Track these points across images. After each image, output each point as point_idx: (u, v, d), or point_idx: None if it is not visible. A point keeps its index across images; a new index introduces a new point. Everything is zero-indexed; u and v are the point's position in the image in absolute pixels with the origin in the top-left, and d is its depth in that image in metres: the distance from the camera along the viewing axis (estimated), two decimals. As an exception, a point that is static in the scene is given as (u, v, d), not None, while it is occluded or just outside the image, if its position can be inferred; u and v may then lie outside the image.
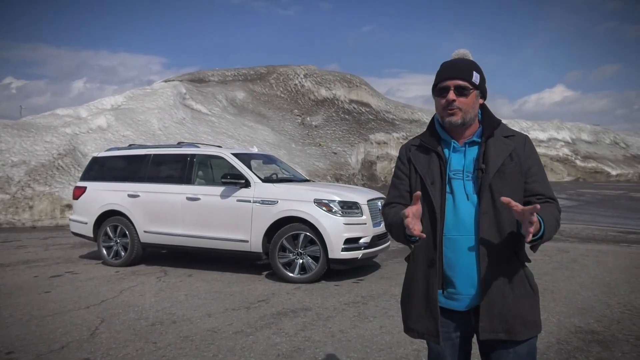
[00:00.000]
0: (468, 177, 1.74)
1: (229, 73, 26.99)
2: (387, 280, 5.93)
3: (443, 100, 1.75)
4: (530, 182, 1.74)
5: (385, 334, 3.98)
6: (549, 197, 1.75)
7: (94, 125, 15.41)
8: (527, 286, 1.74)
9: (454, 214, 1.73)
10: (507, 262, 1.70)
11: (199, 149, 7.03)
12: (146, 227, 6.77)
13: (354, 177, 21.17)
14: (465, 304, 1.74)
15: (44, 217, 11.93)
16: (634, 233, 10.34)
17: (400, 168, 1.90)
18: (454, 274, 1.74)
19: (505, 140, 1.76)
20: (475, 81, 1.75)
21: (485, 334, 1.70)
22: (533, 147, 1.80)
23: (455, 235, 1.72)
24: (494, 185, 1.69)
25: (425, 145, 1.83)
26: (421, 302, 1.79)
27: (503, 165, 1.71)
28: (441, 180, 1.76)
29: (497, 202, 1.66)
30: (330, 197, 5.90)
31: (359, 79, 28.67)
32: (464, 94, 1.73)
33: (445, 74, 1.77)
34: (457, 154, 1.78)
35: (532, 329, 1.73)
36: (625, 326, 4.17)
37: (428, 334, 1.77)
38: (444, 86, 1.75)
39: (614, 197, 20.27)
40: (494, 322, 1.68)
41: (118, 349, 3.67)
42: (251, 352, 3.61)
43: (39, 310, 4.66)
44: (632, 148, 37.78)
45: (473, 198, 1.72)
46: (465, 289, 1.73)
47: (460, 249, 1.72)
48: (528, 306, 1.72)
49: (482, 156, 1.74)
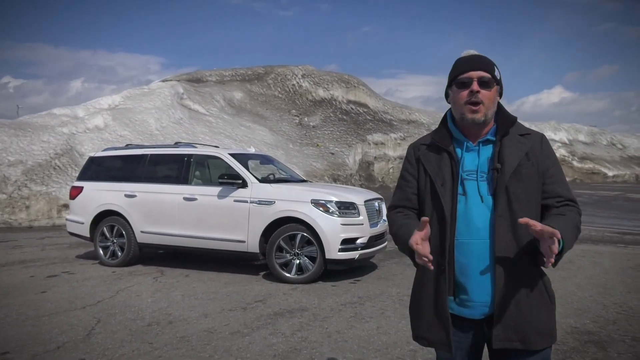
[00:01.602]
0: (482, 177, 1.65)
1: (226, 73, 26.97)
2: (384, 281, 5.93)
3: (466, 91, 1.64)
4: (549, 183, 1.66)
5: (382, 335, 3.98)
6: (568, 200, 1.66)
7: (91, 125, 15.37)
8: (545, 294, 1.66)
9: (466, 217, 1.63)
10: (523, 268, 1.61)
11: (196, 149, 7.02)
12: (143, 227, 6.76)
13: (352, 177, 21.17)
14: (479, 312, 1.65)
15: (40, 217, 11.90)
16: (630, 234, 10.37)
17: (408, 169, 1.80)
18: (466, 280, 1.64)
19: (521, 139, 1.68)
20: (497, 75, 1.68)
21: (499, 343, 1.61)
22: (550, 146, 1.73)
23: (468, 239, 1.63)
24: (510, 187, 1.60)
25: (437, 144, 1.73)
26: (431, 310, 1.70)
27: (519, 166, 1.62)
28: (452, 181, 1.66)
29: (514, 204, 1.59)
30: (327, 198, 5.90)
31: (357, 79, 28.68)
32: (488, 86, 1.64)
33: (469, 65, 1.67)
34: (470, 153, 1.69)
35: (548, 339, 1.65)
36: (621, 327, 4.19)
37: (440, 343, 1.69)
38: (466, 77, 1.65)
39: (610, 198, 20.33)
40: (508, 330, 1.60)
41: (114, 349, 3.66)
42: (247, 352, 3.61)
43: (35, 311, 4.64)
44: (629, 149, 37.88)
45: (488, 200, 1.63)
46: (479, 297, 1.64)
47: (473, 254, 1.62)
48: (544, 315, 1.64)
49: (497, 155, 1.64)
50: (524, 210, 1.55)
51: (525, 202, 1.62)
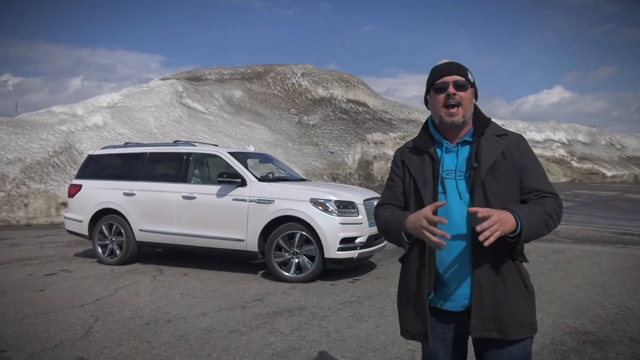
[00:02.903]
0: (460, 176, 1.75)
1: (226, 72, 26.94)
2: (382, 280, 5.93)
3: (443, 95, 1.76)
4: (527, 179, 1.74)
5: (380, 334, 3.98)
6: (547, 192, 1.73)
7: (90, 123, 15.35)
8: (522, 286, 1.73)
9: (446, 213, 1.72)
10: (500, 261, 1.70)
11: (195, 148, 7.01)
12: (142, 225, 6.75)
13: (351, 176, 21.16)
14: (459, 304, 1.74)
15: (39, 215, 11.88)
16: (628, 234, 10.38)
17: (395, 171, 1.93)
18: (447, 274, 1.74)
19: (497, 139, 1.77)
20: (471, 79, 1.79)
21: (476, 332, 1.69)
22: (527, 146, 1.80)
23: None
24: (486, 184, 1.70)
25: (419, 147, 1.85)
26: (412, 304, 1.81)
27: (495, 164, 1.71)
28: (433, 180, 1.77)
29: (490, 200, 1.69)
30: (326, 197, 5.90)
31: (356, 78, 28.67)
32: (463, 89, 1.76)
33: (443, 71, 1.79)
34: (449, 154, 1.80)
35: (527, 329, 1.72)
36: (619, 327, 4.19)
37: (419, 334, 1.79)
38: (442, 82, 1.77)
39: (609, 198, 20.34)
40: (485, 320, 1.68)
41: (112, 347, 3.65)
42: (246, 351, 3.60)
43: (33, 309, 4.64)
44: (628, 149, 37.92)
45: (465, 197, 1.72)
46: (459, 290, 1.73)
47: (452, 249, 1.71)
48: (522, 306, 1.71)
49: (474, 155, 1.74)
50: (500, 207, 1.62)
51: (503, 198, 1.69)
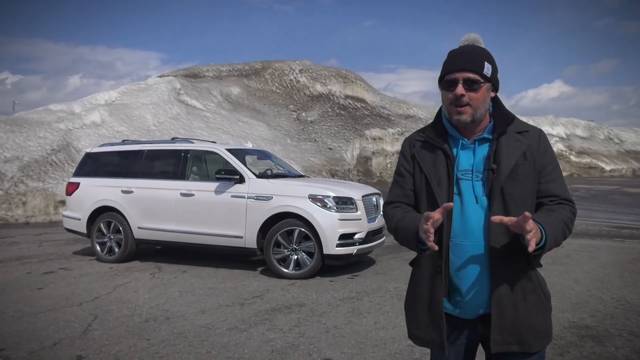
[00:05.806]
0: (477, 177, 1.60)
1: (224, 68, 26.87)
2: (381, 276, 5.93)
3: (450, 94, 1.59)
4: (544, 182, 1.62)
5: (379, 330, 3.98)
6: (563, 199, 1.62)
7: (88, 120, 15.30)
8: (541, 295, 1.63)
9: (461, 218, 1.59)
10: (519, 270, 1.59)
11: (193, 145, 6.99)
12: (140, 223, 6.73)
13: (349, 172, 21.15)
14: (473, 312, 1.64)
15: (37, 213, 11.85)
16: (627, 228, 10.39)
17: (403, 165, 1.75)
18: (461, 281, 1.62)
19: (518, 137, 1.62)
20: (487, 73, 1.59)
21: (497, 347, 1.59)
22: (548, 143, 1.68)
23: (462, 241, 1.60)
24: (506, 188, 1.56)
25: (431, 142, 1.68)
26: (426, 310, 1.68)
27: (516, 166, 1.57)
28: (448, 180, 1.62)
29: (510, 205, 1.55)
30: (325, 193, 5.89)
31: (355, 74, 28.62)
32: (474, 88, 1.57)
33: (454, 65, 1.60)
34: (465, 151, 1.64)
35: (544, 340, 1.64)
36: (619, 321, 4.19)
37: (433, 343, 1.68)
38: (451, 79, 1.59)
39: (607, 192, 20.37)
40: (505, 333, 1.58)
41: (111, 345, 3.65)
42: (245, 348, 3.60)
43: (32, 307, 4.63)
44: (626, 143, 37.99)
45: (482, 201, 1.58)
46: (473, 298, 1.61)
47: (468, 256, 1.59)
48: (541, 316, 1.62)
49: (493, 155, 1.59)
50: (519, 212, 1.47)
51: (521, 202, 1.58)
